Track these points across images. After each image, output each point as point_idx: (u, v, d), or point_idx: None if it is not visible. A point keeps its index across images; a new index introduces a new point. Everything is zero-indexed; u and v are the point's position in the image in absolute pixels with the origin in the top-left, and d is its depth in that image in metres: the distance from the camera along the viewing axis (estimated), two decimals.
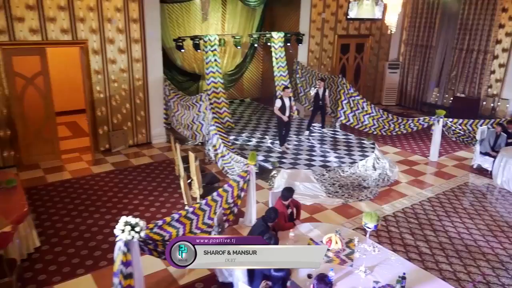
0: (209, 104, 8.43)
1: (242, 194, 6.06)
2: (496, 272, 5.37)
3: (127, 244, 4.01)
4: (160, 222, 4.65)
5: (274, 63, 11.44)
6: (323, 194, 7.54)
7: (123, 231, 4.02)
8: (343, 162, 8.34)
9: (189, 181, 6.93)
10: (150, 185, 7.86)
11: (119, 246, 3.98)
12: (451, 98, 12.99)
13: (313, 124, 10.65)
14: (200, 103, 8.85)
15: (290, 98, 8.82)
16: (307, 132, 10.22)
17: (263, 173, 8.14)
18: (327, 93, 10.02)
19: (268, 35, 11.29)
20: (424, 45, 13.62)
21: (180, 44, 10.01)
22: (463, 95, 12.64)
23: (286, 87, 8.97)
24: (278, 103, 8.63)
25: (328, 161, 8.38)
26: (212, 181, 7.25)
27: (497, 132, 8.60)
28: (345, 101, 10.75)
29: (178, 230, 4.94)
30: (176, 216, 4.87)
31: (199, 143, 9.64)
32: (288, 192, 5.30)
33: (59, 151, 8.91)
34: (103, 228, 6.24)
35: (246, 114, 12.07)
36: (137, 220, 4.11)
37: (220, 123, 8.22)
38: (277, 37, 11.26)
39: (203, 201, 5.37)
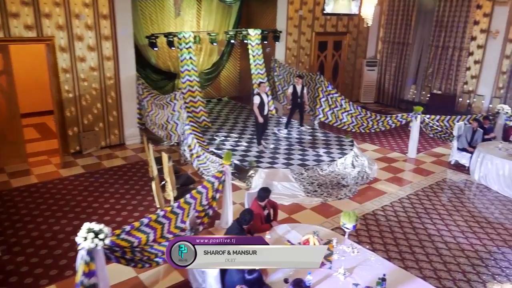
0: (183, 103, 8.15)
1: (217, 195, 5.83)
2: (477, 269, 5.30)
3: (90, 252, 3.73)
4: (127, 228, 4.37)
5: (251, 61, 11.22)
6: (301, 193, 7.37)
7: (85, 238, 3.74)
8: (322, 161, 8.20)
9: (163, 183, 6.65)
10: (122, 188, 7.53)
11: (82, 255, 3.69)
12: (428, 95, 13.05)
13: (291, 122, 10.50)
14: (174, 102, 8.55)
15: (267, 94, 8.63)
16: (285, 131, 10.05)
17: (240, 173, 7.92)
18: (305, 91, 9.88)
19: (244, 32, 11.06)
20: (401, 42, 13.65)
21: (153, 41, 9.68)
22: (439, 92, 12.71)
23: (261, 82, 8.76)
24: (256, 99, 8.43)
25: (307, 160, 8.22)
26: (187, 183, 6.99)
27: (473, 127, 8.62)
28: (323, 99, 10.63)
29: (148, 235, 4.67)
30: (145, 220, 4.60)
31: (175, 143, 9.33)
32: (264, 192, 5.10)
33: (25, 154, 8.47)
34: (70, 234, 5.87)
35: (223, 113, 11.81)
36: (101, 226, 3.83)
37: (195, 122, 7.95)
38: (253, 34, 11.05)
39: (175, 204, 5.12)
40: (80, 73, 8.82)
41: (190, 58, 10.11)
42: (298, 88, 9.70)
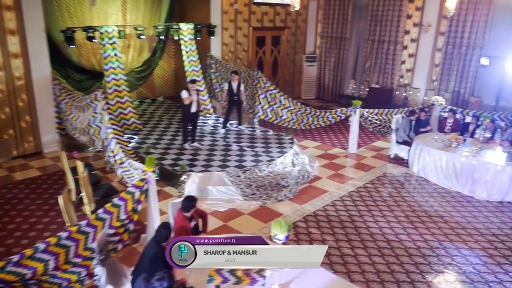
0: (105, 104, 7.29)
1: (139, 207, 5.12)
2: (420, 268, 5.04)
3: None
4: (15, 258, 3.57)
5: (184, 57, 10.51)
6: (239, 197, 6.82)
7: None
8: (261, 161, 7.71)
9: (81, 194, 5.80)
10: (33, 204, 6.55)
11: None
12: (367, 89, 13.07)
13: (230, 122, 9.95)
14: (95, 103, 7.66)
15: (197, 93, 8.02)
16: (222, 131, 9.47)
17: (172, 179, 7.22)
18: (242, 88, 9.35)
19: (175, 27, 10.32)
20: (338, 37, 13.57)
21: (70, 36, 8.64)
22: (377, 86, 12.76)
23: (191, 81, 8.12)
24: (184, 94, 7.81)
25: (244, 161, 7.69)
26: (108, 194, 6.16)
27: (412, 118, 8.55)
28: (262, 96, 10.17)
29: (47, 263, 3.90)
30: (41, 246, 3.81)
31: (102, 149, 8.42)
32: (189, 202, 4.46)
33: None
34: None
35: (157, 114, 10.99)
36: None
37: (120, 125, 7.13)
38: (186, 29, 10.34)
39: (84, 222, 4.35)
40: None
41: (115, 55, 9.20)
42: (234, 85, 9.16)
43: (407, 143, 8.45)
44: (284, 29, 13.48)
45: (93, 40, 9.04)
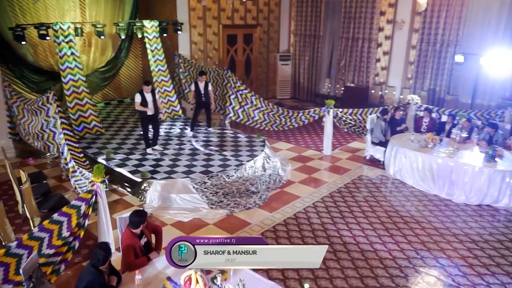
0: (56, 107, 6.67)
1: (86, 222, 4.56)
2: (396, 282, 4.66)
3: None
4: None
5: (149, 56, 9.92)
6: (205, 206, 6.33)
7: None
8: (229, 165, 7.22)
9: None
10: None
11: None
12: (343, 88, 12.75)
13: (199, 124, 9.44)
14: (48, 106, 7.05)
15: (153, 93, 7.47)
16: (190, 133, 8.95)
17: (133, 187, 6.68)
18: (210, 88, 8.85)
19: (139, 24, 9.72)
20: (312, 35, 13.21)
21: (20, 33, 7.94)
22: (353, 85, 12.44)
23: (146, 82, 7.57)
24: (137, 98, 7.27)
25: (211, 166, 7.19)
26: (58, 206, 5.52)
27: (386, 117, 8.22)
28: (232, 96, 9.72)
29: None
30: None
31: (57, 155, 7.80)
32: (137, 217, 3.95)
33: None
34: None
35: (122, 117, 10.37)
36: None
37: (70, 129, 6.53)
38: (150, 26, 9.76)
39: (14, 243, 3.78)
40: None
41: (72, 54, 8.56)
42: (201, 85, 8.67)
43: (383, 143, 8.12)
44: (256, 27, 13.03)
45: (47, 38, 8.36)
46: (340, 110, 8.88)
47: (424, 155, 7.11)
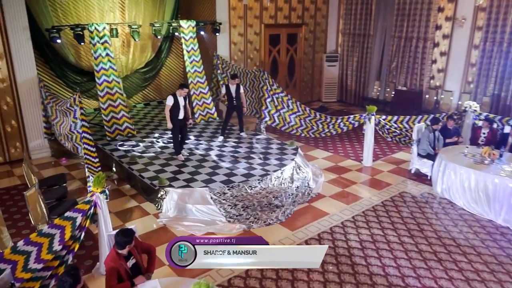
0: (80, 109, 6.57)
1: (82, 234, 4.29)
2: None
3: None
4: None
5: (185, 57, 9.70)
6: (222, 218, 5.88)
7: None
8: (253, 175, 6.71)
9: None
10: None
11: None
12: (393, 92, 11.73)
13: (232, 128, 9.05)
14: (74, 107, 6.97)
15: (185, 97, 7.18)
16: (221, 138, 8.56)
17: (151, 194, 6.41)
18: (242, 91, 8.41)
19: (175, 24, 9.52)
20: (362, 34, 12.31)
21: (55, 34, 8.02)
22: (404, 88, 11.39)
23: (183, 85, 7.28)
24: (169, 100, 6.99)
25: (234, 175, 6.73)
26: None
27: (436, 128, 7.24)
28: (269, 99, 9.17)
29: None
30: None
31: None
32: (123, 236, 3.57)
33: None
34: None
35: (158, 119, 10.24)
36: None
37: (90, 133, 6.39)
38: (186, 26, 9.53)
39: None
40: None
41: (107, 55, 8.52)
42: (233, 88, 8.25)
43: (431, 157, 7.17)
44: (302, 26, 12.39)
45: (81, 43, 8.45)
46: (384, 117, 8.02)
47: (478, 172, 6.11)
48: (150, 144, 8.26)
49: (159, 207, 6.19)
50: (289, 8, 11.87)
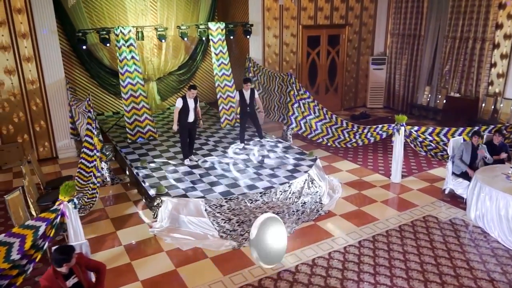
0: (88, 112, 6.61)
1: (46, 244, 4.17)
2: None
3: None
4: None
5: (213, 60, 9.48)
6: (214, 233, 5.51)
7: None
8: (257, 187, 6.24)
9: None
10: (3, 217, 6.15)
11: None
12: (445, 99, 10.49)
13: (255, 134, 8.64)
14: (90, 110, 7.05)
15: (195, 100, 6.93)
16: (241, 145, 8.18)
17: (151, 201, 6.22)
18: (257, 95, 7.98)
19: (203, 27, 9.34)
20: (412, 34, 11.20)
21: (82, 38, 8.22)
22: (458, 95, 10.13)
23: (192, 86, 7.03)
24: (179, 103, 6.80)
25: (237, 186, 6.30)
26: None
27: (474, 142, 6.20)
28: (295, 105, 8.63)
29: None
30: None
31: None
32: (59, 254, 3.34)
33: None
34: None
35: None
36: None
37: (92, 137, 6.37)
38: (215, 28, 9.29)
39: None
40: None
41: (133, 57, 8.56)
42: (247, 94, 7.82)
43: (467, 176, 6.15)
44: (345, 27, 11.59)
45: (107, 45, 8.57)
46: (416, 128, 7.07)
47: None
48: (166, 148, 8.14)
49: (155, 215, 5.99)
50: (331, 8, 11.16)
